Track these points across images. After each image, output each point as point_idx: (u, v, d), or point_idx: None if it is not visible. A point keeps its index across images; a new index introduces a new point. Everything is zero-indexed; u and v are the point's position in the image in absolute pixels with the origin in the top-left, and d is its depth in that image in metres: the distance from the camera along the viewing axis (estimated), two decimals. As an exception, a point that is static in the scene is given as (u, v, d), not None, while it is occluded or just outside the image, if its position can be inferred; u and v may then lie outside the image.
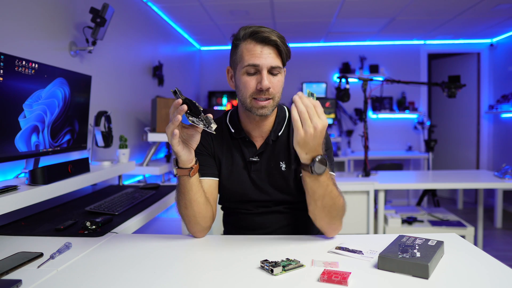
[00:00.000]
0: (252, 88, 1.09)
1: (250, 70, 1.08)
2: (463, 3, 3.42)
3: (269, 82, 1.08)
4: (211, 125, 0.97)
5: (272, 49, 1.08)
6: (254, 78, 1.09)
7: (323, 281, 0.81)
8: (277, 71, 1.10)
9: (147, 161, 2.72)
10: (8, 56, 1.31)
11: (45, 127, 1.57)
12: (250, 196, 1.22)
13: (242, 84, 1.10)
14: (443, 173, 3.24)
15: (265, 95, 1.09)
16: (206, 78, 5.28)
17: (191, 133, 1.01)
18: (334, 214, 1.05)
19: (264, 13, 3.66)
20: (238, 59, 1.11)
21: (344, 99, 2.88)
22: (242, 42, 1.10)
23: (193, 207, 1.08)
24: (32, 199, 1.37)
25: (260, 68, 1.07)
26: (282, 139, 1.23)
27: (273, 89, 1.10)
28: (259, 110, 1.11)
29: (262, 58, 1.06)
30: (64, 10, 2.04)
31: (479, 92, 5.06)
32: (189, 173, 1.04)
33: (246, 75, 1.09)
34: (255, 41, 1.07)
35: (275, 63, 1.08)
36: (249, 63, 1.07)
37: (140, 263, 0.96)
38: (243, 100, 1.12)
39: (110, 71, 2.57)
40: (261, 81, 1.06)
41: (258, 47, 1.07)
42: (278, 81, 1.11)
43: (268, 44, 1.07)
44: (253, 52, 1.07)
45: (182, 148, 1.00)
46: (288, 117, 1.25)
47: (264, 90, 1.08)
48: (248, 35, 1.08)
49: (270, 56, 1.07)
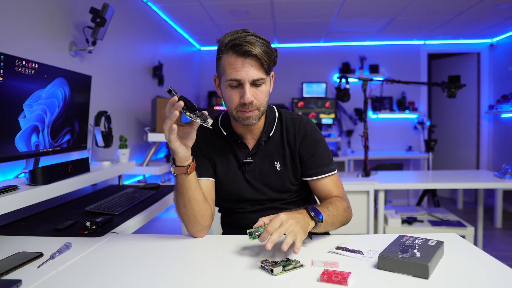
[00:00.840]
0: (235, 102, 1.09)
1: (232, 83, 1.07)
2: (463, 3, 3.42)
3: (252, 94, 1.07)
4: (208, 120, 0.98)
5: (254, 60, 1.05)
6: (237, 91, 1.08)
7: (323, 281, 0.81)
8: (261, 82, 1.08)
9: (147, 161, 2.72)
10: (8, 56, 1.31)
11: (45, 127, 1.57)
12: (245, 196, 1.23)
13: (227, 97, 1.11)
14: (443, 173, 3.24)
15: (248, 108, 1.09)
16: (206, 78, 5.28)
17: (187, 131, 1.02)
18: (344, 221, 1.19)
19: (264, 13, 3.66)
20: (221, 71, 1.10)
21: (344, 99, 2.88)
22: (224, 54, 1.07)
23: (192, 206, 1.08)
24: (32, 199, 1.37)
25: (243, 82, 1.06)
26: (274, 139, 1.23)
27: (257, 101, 1.09)
28: (245, 121, 1.12)
29: (243, 72, 1.04)
30: (64, 10, 2.04)
31: (479, 92, 5.06)
32: (187, 171, 1.04)
33: (230, 88, 1.09)
34: (236, 54, 1.04)
35: (257, 75, 1.06)
36: (231, 78, 1.06)
37: (140, 263, 0.96)
38: (229, 111, 1.14)
39: (110, 71, 2.57)
40: (243, 95, 1.06)
41: (239, 60, 1.04)
42: (262, 92, 1.10)
43: (249, 57, 1.04)
44: (234, 66, 1.05)
45: (179, 145, 1.01)
46: (277, 116, 1.26)
47: (248, 104, 1.08)
48: (229, 48, 1.05)
49: (252, 69, 1.05)
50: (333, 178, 1.24)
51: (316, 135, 1.24)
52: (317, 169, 1.22)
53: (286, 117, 1.26)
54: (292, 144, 1.23)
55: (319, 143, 1.23)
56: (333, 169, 1.24)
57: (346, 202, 1.21)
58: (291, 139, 1.23)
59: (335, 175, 1.25)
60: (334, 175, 1.24)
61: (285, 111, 1.29)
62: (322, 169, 1.22)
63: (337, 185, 1.24)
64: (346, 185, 2.58)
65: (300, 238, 0.93)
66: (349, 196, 1.34)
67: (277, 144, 1.23)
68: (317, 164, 1.22)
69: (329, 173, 1.23)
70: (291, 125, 1.24)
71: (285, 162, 1.23)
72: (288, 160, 1.23)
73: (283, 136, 1.23)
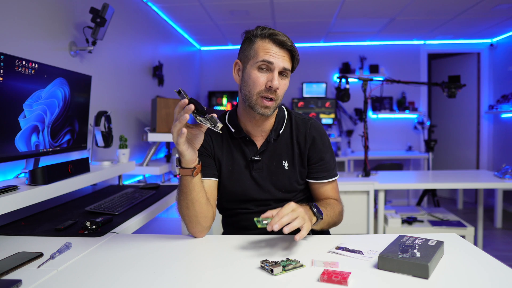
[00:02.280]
0: (261, 84, 1.10)
1: (262, 65, 1.10)
2: (463, 3, 3.42)
3: (279, 83, 1.10)
4: (217, 124, 0.97)
5: (286, 53, 1.12)
6: (265, 75, 1.11)
7: (323, 281, 0.81)
8: (286, 74, 1.13)
9: (147, 161, 2.72)
10: (8, 56, 1.31)
11: (45, 127, 1.57)
12: (251, 195, 1.22)
13: (252, 79, 1.11)
14: (443, 173, 3.24)
15: (272, 94, 1.11)
16: (206, 78, 5.28)
17: (195, 133, 1.02)
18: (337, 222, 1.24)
19: (264, 13, 3.66)
20: (252, 54, 1.12)
21: (344, 99, 2.88)
22: (259, 39, 1.12)
23: (195, 207, 1.08)
24: (32, 199, 1.37)
25: (273, 67, 1.09)
26: (283, 138, 1.23)
27: (280, 91, 1.12)
28: (262, 109, 1.12)
29: (277, 58, 1.09)
30: (64, 10, 2.04)
31: (479, 92, 5.06)
32: (192, 173, 1.04)
33: (258, 70, 1.11)
34: (273, 42, 1.10)
35: (287, 66, 1.12)
36: (264, 59, 1.09)
37: (140, 263, 0.96)
38: (249, 95, 1.13)
39: (110, 71, 2.57)
40: (272, 80, 1.09)
41: (274, 47, 1.10)
42: (285, 85, 1.14)
43: (284, 47, 1.11)
44: (269, 50, 1.10)
45: (187, 148, 1.00)
46: (287, 116, 1.27)
47: (273, 90, 1.10)
48: (267, 36, 1.11)
49: (284, 58, 1.11)
50: (335, 183, 1.30)
51: (326, 140, 1.27)
52: (323, 173, 1.26)
53: (296, 117, 1.27)
54: (302, 144, 1.24)
55: (327, 147, 1.27)
56: (336, 174, 1.29)
57: (341, 206, 1.27)
58: (302, 139, 1.24)
59: (336, 180, 1.30)
60: (336, 180, 1.30)
61: (293, 111, 1.30)
62: (328, 174, 1.26)
63: (336, 189, 1.30)
64: (346, 185, 2.62)
65: (307, 226, 0.97)
66: (349, 196, 1.37)
67: (286, 143, 1.24)
68: (324, 169, 1.25)
69: (333, 178, 1.28)
70: (302, 125, 1.25)
71: (293, 161, 1.23)
72: (296, 160, 1.23)
73: (293, 135, 1.24)
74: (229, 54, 5.22)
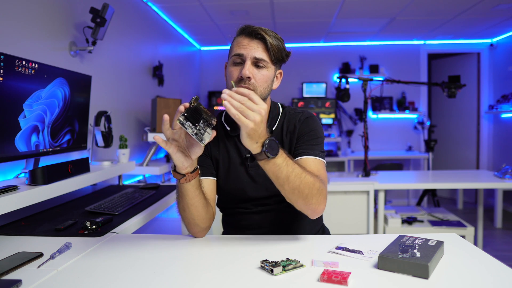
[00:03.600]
0: (234, 77, 1.10)
1: (236, 60, 1.10)
2: (463, 3, 3.42)
3: (251, 72, 1.08)
4: (203, 136, 0.93)
5: (259, 43, 1.10)
6: (238, 68, 1.10)
7: (323, 281, 0.81)
8: (263, 65, 1.10)
9: (147, 161, 2.72)
10: (8, 56, 1.31)
11: (45, 127, 1.57)
12: (248, 193, 1.22)
13: (228, 74, 1.13)
14: (443, 173, 3.24)
15: (245, 83, 1.07)
16: (206, 78, 5.28)
17: (193, 142, 0.99)
18: (306, 192, 1.00)
19: (264, 13, 3.66)
20: (230, 52, 1.15)
21: (344, 99, 2.88)
22: (236, 37, 1.15)
23: (191, 211, 1.08)
24: (32, 199, 1.37)
25: (244, 58, 1.09)
26: (276, 134, 1.23)
27: (255, 81, 1.09)
28: None
29: (247, 49, 1.09)
30: (64, 10, 2.04)
31: (479, 92, 5.06)
32: (180, 179, 1.03)
33: (232, 65, 1.12)
34: (244, 35, 1.12)
35: (260, 55, 1.09)
36: (236, 52, 1.10)
37: (140, 263, 0.96)
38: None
39: (110, 71, 2.57)
40: (243, 69, 1.08)
41: (246, 39, 1.11)
42: (263, 75, 1.10)
43: (255, 37, 1.10)
44: (240, 44, 1.11)
45: (175, 152, 0.98)
46: (281, 113, 1.26)
47: (245, 79, 1.07)
48: (241, 31, 1.13)
49: (257, 48, 1.09)
50: (316, 162, 1.14)
51: (315, 126, 1.20)
52: (303, 150, 1.16)
53: (289, 112, 1.26)
54: (291, 133, 1.21)
55: (315, 132, 1.19)
56: (319, 156, 1.16)
57: (319, 182, 1.03)
58: (291, 128, 1.22)
59: (319, 161, 1.15)
60: (319, 160, 1.15)
61: (289, 107, 1.29)
62: (308, 152, 1.15)
63: (318, 169, 1.12)
64: (346, 185, 2.62)
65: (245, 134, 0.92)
66: (349, 196, 1.33)
67: (277, 137, 1.22)
68: (305, 147, 1.16)
69: (313, 156, 1.14)
70: (293, 117, 1.24)
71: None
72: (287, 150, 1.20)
73: (283, 129, 1.23)
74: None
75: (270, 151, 0.95)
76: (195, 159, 1.02)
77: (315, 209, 1.04)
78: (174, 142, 0.98)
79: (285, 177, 0.98)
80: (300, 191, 1.00)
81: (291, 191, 1.00)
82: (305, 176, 1.00)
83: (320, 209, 1.05)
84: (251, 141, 0.94)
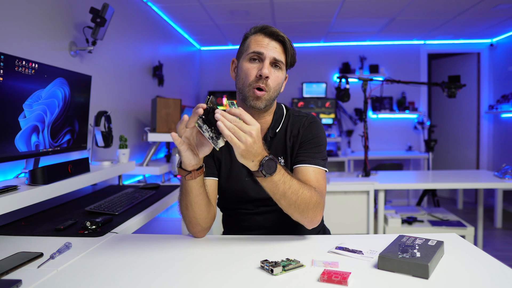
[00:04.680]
0: (252, 75, 1.11)
1: (254, 56, 1.11)
2: (463, 3, 3.42)
3: (269, 72, 1.10)
4: (219, 141, 0.93)
5: (278, 44, 1.13)
6: (256, 66, 1.11)
7: (323, 281, 0.81)
8: (279, 66, 1.13)
9: (147, 161, 2.72)
10: (8, 56, 1.31)
11: (45, 127, 1.57)
12: (249, 194, 1.21)
13: (244, 71, 1.13)
14: (443, 173, 3.24)
15: (262, 83, 1.10)
16: (206, 78, 5.28)
17: (203, 141, 0.99)
18: (303, 207, 1.02)
19: (264, 13, 3.66)
20: (245, 48, 1.15)
21: (344, 99, 2.88)
22: (251, 35, 1.16)
23: (194, 209, 1.08)
24: (32, 199, 1.37)
25: (264, 57, 1.10)
26: (279, 136, 1.23)
27: (271, 82, 1.12)
28: (253, 101, 1.12)
29: (267, 49, 1.11)
30: (64, 10, 2.04)
31: (479, 92, 5.06)
32: (185, 176, 1.03)
33: (249, 61, 1.12)
34: (264, 34, 1.13)
35: (279, 57, 1.12)
36: (255, 51, 1.11)
37: (140, 263, 0.96)
38: (242, 88, 1.14)
39: (110, 71, 2.57)
40: (262, 69, 1.09)
41: (266, 39, 1.12)
42: (277, 77, 1.13)
43: (275, 39, 1.12)
44: (260, 42, 1.12)
45: (185, 149, 0.99)
46: (285, 114, 1.26)
47: (263, 78, 1.09)
48: (259, 30, 1.14)
49: (275, 49, 1.12)
50: (316, 171, 1.14)
51: (318, 132, 1.21)
52: (304, 158, 1.16)
53: (293, 114, 1.26)
54: (295, 137, 1.21)
55: (318, 139, 1.19)
56: (321, 165, 1.16)
57: (318, 196, 1.05)
58: (295, 133, 1.22)
59: (320, 170, 1.15)
60: (319, 169, 1.15)
61: (293, 109, 1.29)
62: (309, 160, 1.15)
63: (317, 179, 1.12)
64: (346, 185, 2.62)
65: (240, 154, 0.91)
66: (349, 196, 1.33)
67: (281, 140, 1.22)
68: (307, 155, 1.16)
69: (314, 165, 1.14)
70: (297, 120, 1.24)
71: (288, 159, 1.22)
72: (289, 154, 1.21)
73: (287, 131, 1.23)
74: (229, 54, 5.21)
75: (267, 170, 0.95)
76: (202, 157, 1.03)
77: (311, 221, 1.07)
78: (186, 140, 0.98)
79: (282, 194, 0.99)
80: (296, 206, 1.02)
81: (287, 206, 1.02)
82: (302, 192, 1.01)
83: (316, 220, 1.07)
84: (246, 160, 0.94)
